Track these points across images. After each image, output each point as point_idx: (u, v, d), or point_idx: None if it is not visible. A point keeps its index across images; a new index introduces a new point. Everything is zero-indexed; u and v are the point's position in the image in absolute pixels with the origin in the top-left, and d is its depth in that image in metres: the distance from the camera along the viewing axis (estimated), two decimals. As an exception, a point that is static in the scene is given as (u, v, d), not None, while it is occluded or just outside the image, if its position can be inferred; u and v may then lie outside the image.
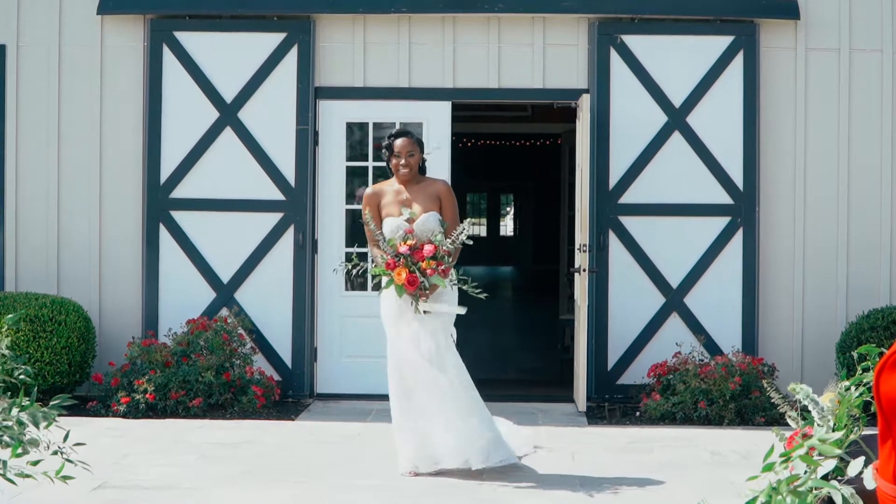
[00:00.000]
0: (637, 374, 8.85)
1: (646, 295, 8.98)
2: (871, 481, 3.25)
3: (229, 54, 9.09)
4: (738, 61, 8.95)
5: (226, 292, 9.06)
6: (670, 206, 9.00)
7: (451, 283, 6.53)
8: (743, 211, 8.96)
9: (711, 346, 8.87)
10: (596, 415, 8.54)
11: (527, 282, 24.76)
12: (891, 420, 3.03)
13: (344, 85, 9.13)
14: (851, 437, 3.36)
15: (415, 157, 6.70)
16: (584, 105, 8.66)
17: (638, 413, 8.45)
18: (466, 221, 6.53)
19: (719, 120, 8.98)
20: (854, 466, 3.38)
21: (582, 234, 8.74)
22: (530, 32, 9.09)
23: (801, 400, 4.12)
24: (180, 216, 9.08)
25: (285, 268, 9.05)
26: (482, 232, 29.74)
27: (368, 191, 6.84)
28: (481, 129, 17.03)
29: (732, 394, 8.11)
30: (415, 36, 9.10)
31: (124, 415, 8.23)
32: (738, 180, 8.96)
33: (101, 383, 8.47)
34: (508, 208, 30.92)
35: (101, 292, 9.12)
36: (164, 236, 9.07)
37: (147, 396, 8.21)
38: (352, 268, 6.69)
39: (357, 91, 9.13)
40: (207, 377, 8.26)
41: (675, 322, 8.97)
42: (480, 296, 6.53)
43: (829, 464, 3.50)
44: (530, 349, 13.25)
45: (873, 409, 3.19)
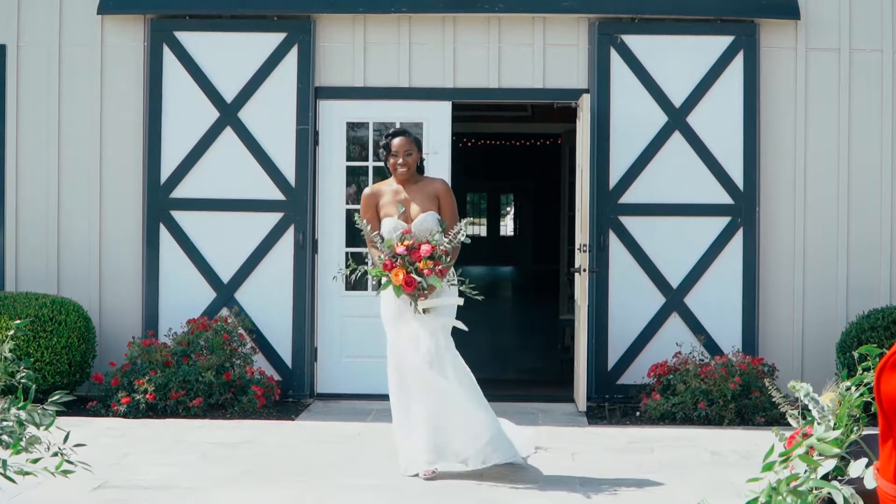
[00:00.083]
0: (637, 374, 8.85)
1: (646, 295, 8.98)
2: (871, 481, 3.25)
3: (229, 54, 9.09)
4: (739, 61, 8.95)
5: (226, 292, 9.06)
6: (670, 206, 9.00)
7: (448, 282, 6.51)
8: (743, 211, 8.96)
9: (711, 346, 8.87)
10: (596, 415, 8.54)
11: (527, 282, 24.75)
12: (891, 420, 3.03)
13: (344, 85, 9.13)
14: (852, 437, 3.36)
15: (413, 157, 6.69)
16: (585, 105, 8.66)
17: (638, 413, 8.45)
18: (464, 221, 6.51)
19: (719, 120, 8.98)
20: (856, 468, 3.38)
21: (582, 234, 8.74)
22: (530, 32, 9.09)
23: (802, 398, 4.13)
24: (180, 216, 9.09)
25: (285, 268, 9.05)
26: (482, 232, 29.74)
27: (367, 191, 6.82)
28: (481, 129, 17.03)
29: (732, 394, 8.11)
30: (415, 36, 9.10)
31: (124, 415, 8.23)
32: (739, 180, 8.96)
33: (102, 383, 8.48)
34: (508, 208, 30.91)
35: (102, 292, 9.12)
36: (165, 236, 9.07)
37: (147, 396, 8.21)
38: (350, 273, 6.68)
39: (357, 91, 9.13)
40: (208, 377, 8.26)
41: (675, 322, 8.97)
42: (477, 297, 6.53)
43: (829, 463, 3.50)
44: (530, 349, 13.25)
45: (874, 409, 3.19)
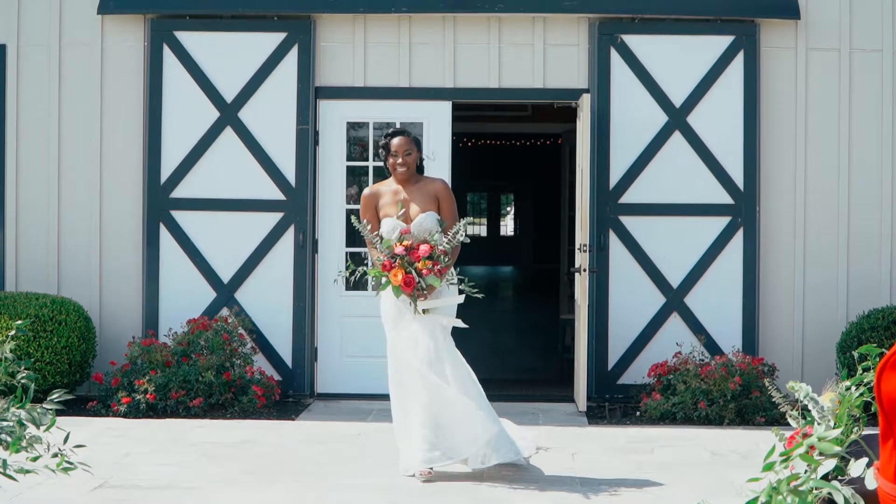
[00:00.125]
0: (637, 373, 8.85)
1: (646, 295, 8.98)
2: (872, 481, 3.25)
3: (230, 54, 9.09)
4: (739, 61, 8.95)
5: (226, 292, 9.06)
6: (671, 205, 9.00)
7: (448, 282, 6.51)
8: (743, 211, 8.96)
9: (712, 345, 8.87)
10: (596, 414, 8.54)
11: (527, 282, 24.75)
12: (892, 420, 3.03)
13: (344, 85, 9.13)
14: (852, 437, 3.36)
15: (412, 157, 6.67)
16: (585, 105, 8.66)
17: (638, 413, 8.45)
18: (462, 221, 6.51)
19: (720, 120, 8.98)
20: (856, 468, 3.38)
21: (582, 234, 8.74)
22: (531, 32, 9.09)
23: (801, 399, 4.13)
24: (181, 216, 9.09)
25: (286, 267, 9.05)
26: (482, 232, 29.74)
27: (366, 191, 6.82)
28: (481, 129, 17.03)
29: (732, 394, 8.11)
30: (415, 36, 9.10)
31: (125, 414, 8.23)
32: (739, 180, 8.96)
33: (102, 383, 8.48)
34: (509, 208, 30.91)
35: (102, 292, 9.12)
36: (165, 236, 9.07)
37: (147, 396, 8.21)
38: (349, 275, 6.68)
39: (357, 91, 9.13)
40: (208, 377, 8.26)
41: (675, 322, 8.97)
42: (477, 295, 6.52)
43: (829, 463, 3.50)
44: (531, 349, 13.25)
45: (874, 409, 3.19)
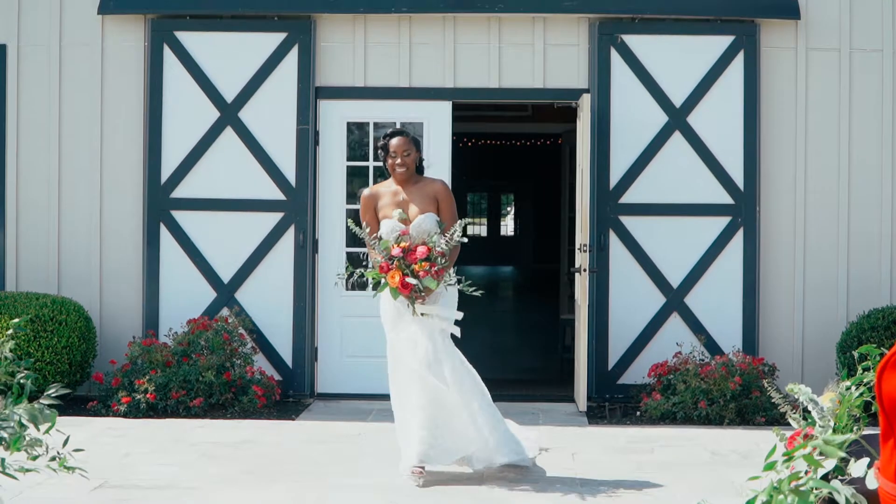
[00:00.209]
0: (637, 373, 8.85)
1: (646, 295, 8.98)
2: (872, 481, 3.25)
3: (230, 54, 9.09)
4: (739, 61, 8.95)
5: (226, 292, 9.06)
6: (671, 205, 9.00)
7: (446, 284, 6.48)
8: (743, 211, 8.96)
9: (712, 345, 8.87)
10: (596, 414, 8.54)
11: (527, 282, 24.75)
12: (893, 419, 3.03)
13: (344, 85, 9.13)
14: (852, 437, 3.36)
15: (411, 157, 6.64)
16: (585, 105, 8.66)
17: (638, 413, 8.45)
18: (459, 222, 6.48)
19: (720, 120, 8.98)
20: (857, 468, 3.38)
21: (582, 234, 8.74)
22: (531, 32, 9.09)
23: (803, 401, 4.13)
24: (181, 216, 9.09)
25: (286, 267, 9.05)
26: (482, 232, 29.74)
27: (366, 192, 6.79)
28: (482, 129, 17.03)
29: (733, 393, 8.11)
30: (415, 36, 9.10)
31: (125, 414, 8.23)
32: (739, 180, 8.96)
33: (102, 383, 8.48)
34: (509, 208, 30.91)
35: (102, 292, 9.12)
36: (165, 236, 9.07)
37: (148, 396, 8.21)
38: (348, 277, 6.67)
39: (358, 91, 9.13)
40: (208, 377, 8.27)
41: (675, 322, 8.97)
42: (476, 293, 6.50)
43: (829, 463, 3.50)
44: (531, 349, 13.25)
45: (874, 408, 3.19)
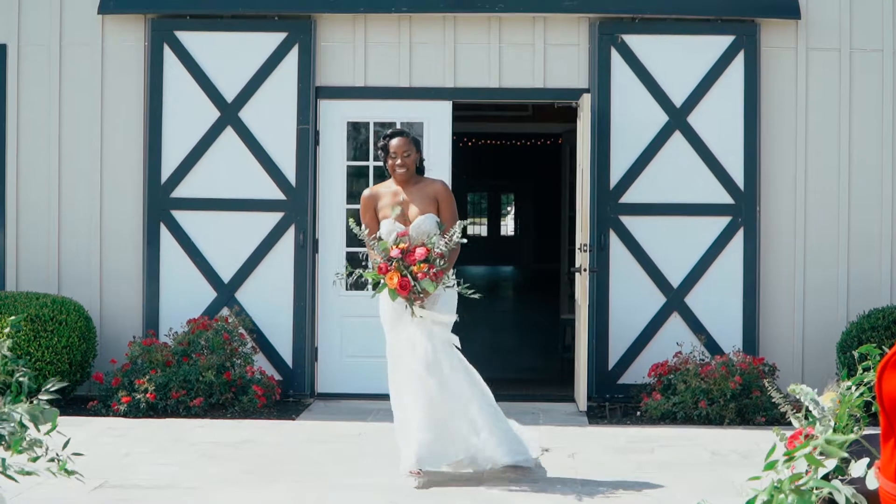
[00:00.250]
0: (638, 373, 8.85)
1: (646, 294, 8.98)
2: (873, 481, 3.25)
3: (230, 54, 9.08)
4: (739, 61, 8.95)
5: (227, 292, 9.06)
6: (671, 205, 9.00)
7: (444, 286, 6.47)
8: (743, 210, 8.96)
9: (712, 345, 8.87)
10: (597, 414, 8.54)
11: (527, 281, 24.75)
12: (893, 419, 3.03)
13: (345, 84, 9.13)
14: (852, 437, 3.36)
15: (411, 157, 6.62)
16: (585, 105, 8.66)
17: (638, 413, 8.45)
18: (458, 224, 6.46)
19: (720, 120, 8.98)
20: (857, 468, 3.38)
21: (582, 234, 8.74)
22: (531, 32, 9.09)
23: (804, 402, 4.13)
24: (181, 216, 9.08)
25: (286, 267, 9.05)
26: (483, 232, 29.74)
27: (366, 193, 6.77)
28: (482, 129, 17.03)
29: (733, 393, 8.11)
30: (416, 35, 9.10)
31: (125, 414, 8.23)
32: (739, 180, 8.96)
33: (102, 383, 8.48)
34: (509, 208, 30.91)
35: (102, 292, 9.12)
36: (165, 236, 9.07)
37: (148, 396, 8.21)
38: (347, 277, 6.67)
39: (358, 91, 9.13)
40: (208, 377, 8.27)
41: (675, 322, 8.97)
42: (475, 296, 6.50)
43: (830, 463, 3.50)
44: (531, 349, 13.24)
45: (874, 408, 3.19)
